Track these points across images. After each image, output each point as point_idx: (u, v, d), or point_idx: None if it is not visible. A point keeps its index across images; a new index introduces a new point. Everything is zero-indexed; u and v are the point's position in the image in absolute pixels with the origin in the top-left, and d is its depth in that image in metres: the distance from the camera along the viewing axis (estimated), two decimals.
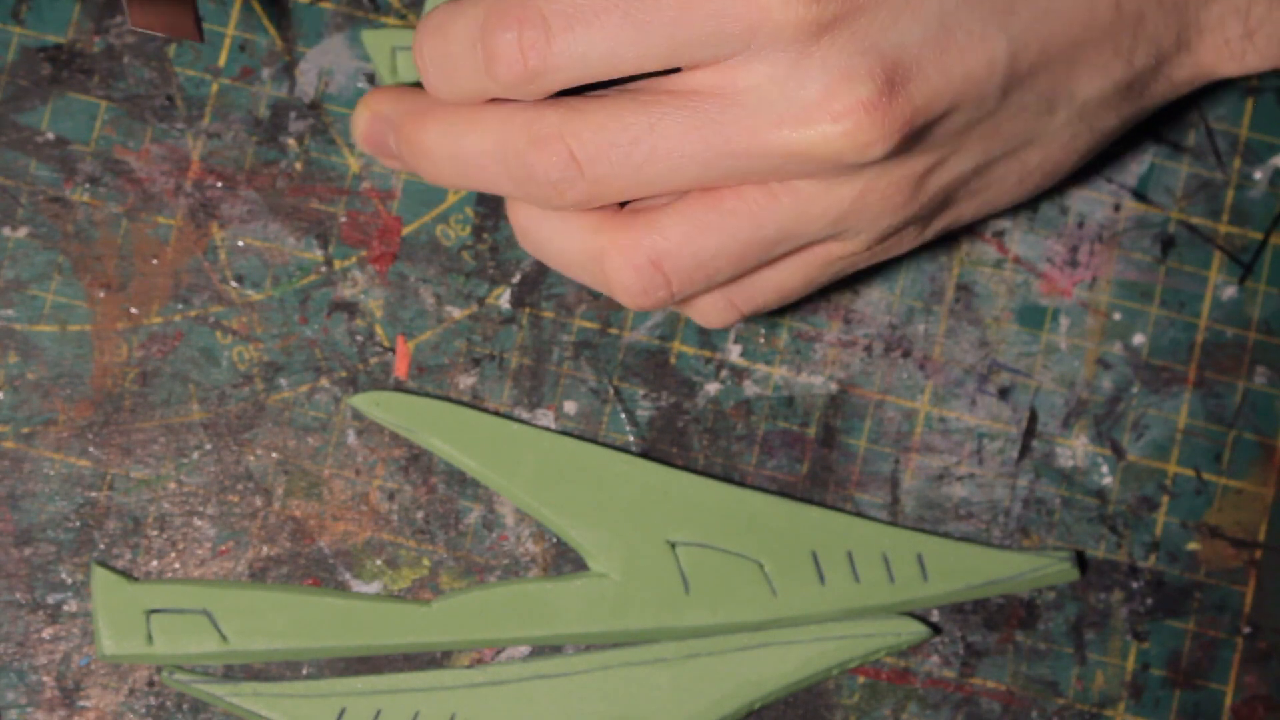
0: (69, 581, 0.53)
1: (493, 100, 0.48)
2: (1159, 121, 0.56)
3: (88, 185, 0.54)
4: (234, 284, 0.54)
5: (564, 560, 0.54)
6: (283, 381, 0.54)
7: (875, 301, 0.55)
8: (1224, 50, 0.50)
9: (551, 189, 0.47)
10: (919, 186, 0.48)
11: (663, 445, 0.55)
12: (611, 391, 0.55)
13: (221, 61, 0.55)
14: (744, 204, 0.47)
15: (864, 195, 0.47)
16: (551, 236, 0.49)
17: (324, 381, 0.54)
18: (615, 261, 0.48)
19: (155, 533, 0.54)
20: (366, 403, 0.54)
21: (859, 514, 0.55)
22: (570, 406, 0.55)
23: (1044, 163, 0.50)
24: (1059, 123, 0.49)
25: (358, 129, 0.52)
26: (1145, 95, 0.50)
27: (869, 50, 0.45)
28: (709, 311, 0.50)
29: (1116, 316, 0.56)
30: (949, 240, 0.56)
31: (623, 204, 0.49)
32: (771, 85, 0.45)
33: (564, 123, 0.47)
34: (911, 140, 0.46)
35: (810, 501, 0.55)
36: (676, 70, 0.47)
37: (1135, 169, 0.56)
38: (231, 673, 0.53)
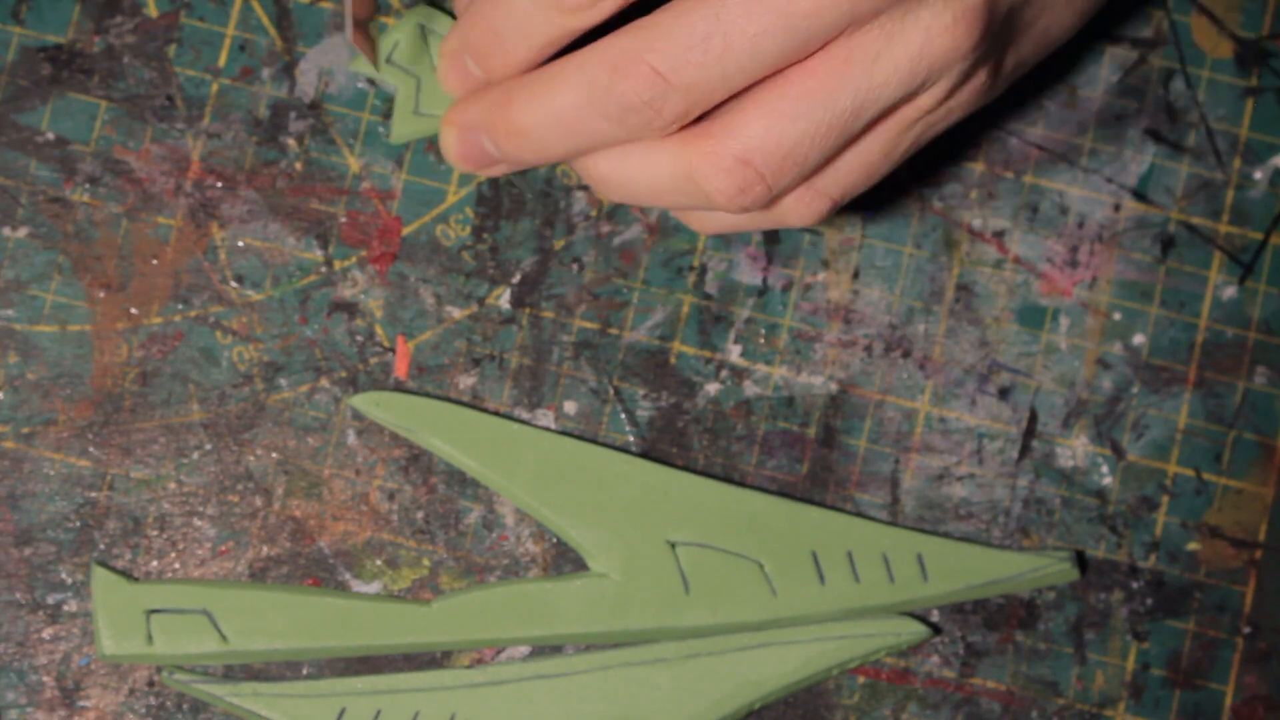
0: (69, 581, 0.53)
1: (560, 58, 0.49)
2: (1159, 121, 0.56)
3: (88, 185, 0.54)
4: (234, 284, 0.54)
5: (564, 560, 0.54)
6: (283, 381, 0.54)
7: (875, 301, 0.55)
8: None
9: (648, 111, 0.48)
10: (980, 17, 0.48)
11: (663, 445, 0.55)
12: (611, 391, 0.55)
13: (221, 61, 0.55)
14: (816, 81, 0.47)
15: (930, 37, 0.47)
16: (638, 172, 0.50)
17: (324, 381, 0.54)
18: (705, 170, 0.48)
19: (155, 533, 0.54)
20: (366, 403, 0.54)
21: (859, 514, 0.55)
22: (570, 406, 0.55)
23: None
24: None
25: (450, 150, 0.52)
26: None
27: None
28: (800, 208, 0.51)
29: (1116, 316, 0.56)
30: (949, 240, 0.56)
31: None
32: None
33: (635, 43, 0.47)
34: None
35: (810, 501, 0.55)
36: None
37: (1135, 169, 0.56)
38: (231, 673, 0.53)
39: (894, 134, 0.50)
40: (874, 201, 0.56)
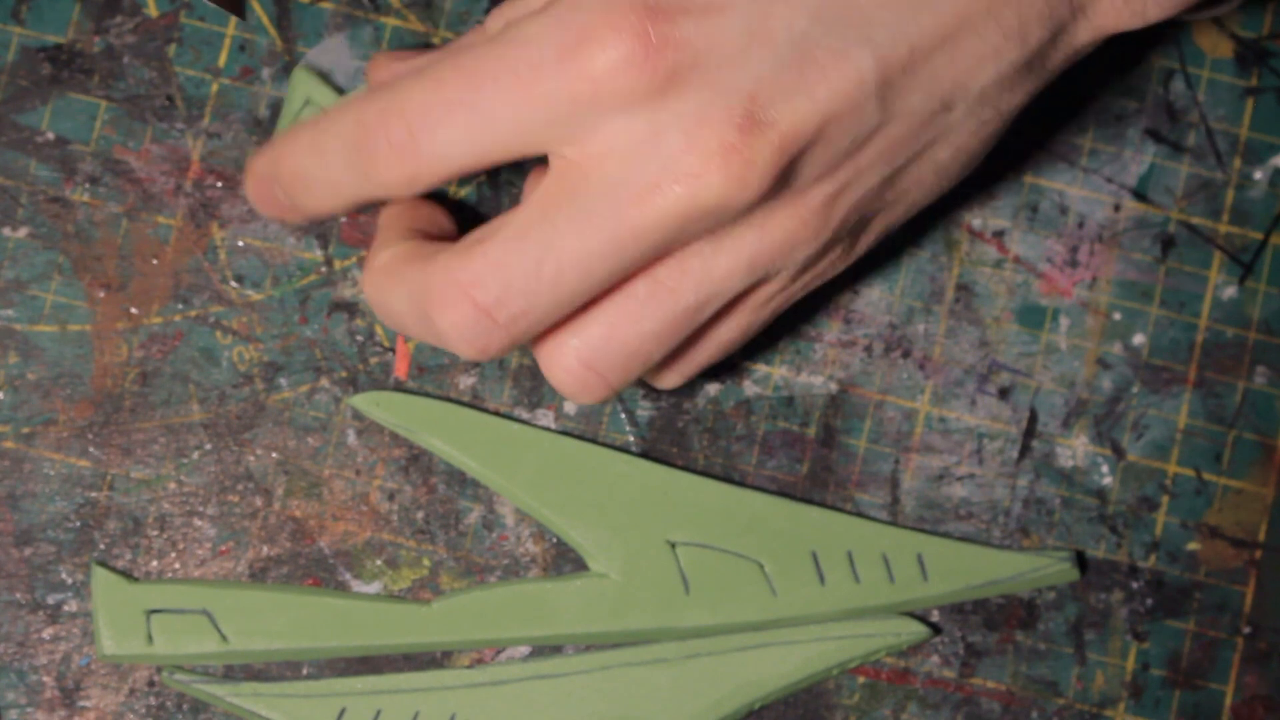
0: (69, 581, 0.53)
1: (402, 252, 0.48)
2: (1159, 121, 0.56)
3: (88, 185, 0.54)
4: (234, 284, 0.54)
5: (564, 560, 0.54)
6: (283, 381, 0.54)
7: (875, 301, 0.55)
8: (1123, 8, 0.48)
9: (470, 346, 0.46)
10: (827, 213, 0.47)
11: (663, 445, 0.55)
12: None
13: (221, 61, 0.55)
14: (655, 284, 0.46)
15: (769, 235, 0.46)
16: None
17: (324, 381, 0.54)
18: (546, 365, 0.47)
19: (155, 533, 0.54)
20: (366, 403, 0.54)
21: (859, 514, 0.55)
22: (570, 406, 0.55)
23: (957, 154, 0.49)
24: (959, 116, 0.47)
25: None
26: (1046, 67, 0.48)
27: (723, 91, 0.44)
28: (656, 380, 0.50)
29: (1116, 316, 0.56)
30: (949, 240, 0.56)
31: None
32: (638, 150, 0.44)
33: (459, 273, 0.46)
34: (790, 170, 0.45)
35: (810, 501, 0.55)
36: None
37: (1135, 169, 0.56)
38: (231, 673, 0.53)
39: (748, 314, 0.49)
40: None
